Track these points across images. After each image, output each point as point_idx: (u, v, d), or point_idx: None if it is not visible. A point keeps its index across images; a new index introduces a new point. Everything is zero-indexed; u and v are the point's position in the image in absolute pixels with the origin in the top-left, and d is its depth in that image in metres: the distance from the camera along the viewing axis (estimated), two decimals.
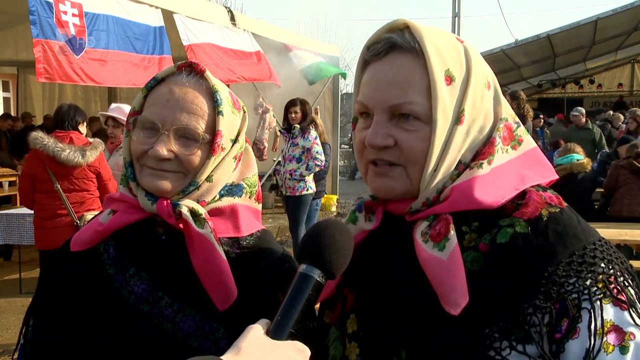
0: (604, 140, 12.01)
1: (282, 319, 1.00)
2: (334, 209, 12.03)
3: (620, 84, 24.19)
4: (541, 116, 13.28)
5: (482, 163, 1.08)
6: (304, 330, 1.02)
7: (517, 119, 1.18)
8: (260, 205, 1.45)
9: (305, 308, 1.01)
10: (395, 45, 1.10)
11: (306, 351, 1.00)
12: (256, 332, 0.98)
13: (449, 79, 1.07)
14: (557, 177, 1.17)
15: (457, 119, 1.08)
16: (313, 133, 7.43)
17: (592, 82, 23.62)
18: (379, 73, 1.11)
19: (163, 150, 1.24)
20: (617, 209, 7.18)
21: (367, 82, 1.13)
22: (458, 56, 1.10)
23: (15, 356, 1.45)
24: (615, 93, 23.67)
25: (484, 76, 1.13)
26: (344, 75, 13.00)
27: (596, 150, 10.83)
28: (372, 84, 1.12)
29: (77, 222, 5.13)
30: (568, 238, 1.02)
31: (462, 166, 1.09)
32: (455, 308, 1.00)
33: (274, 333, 0.99)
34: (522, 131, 1.16)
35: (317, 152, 7.31)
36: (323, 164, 7.44)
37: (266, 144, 10.27)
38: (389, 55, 1.10)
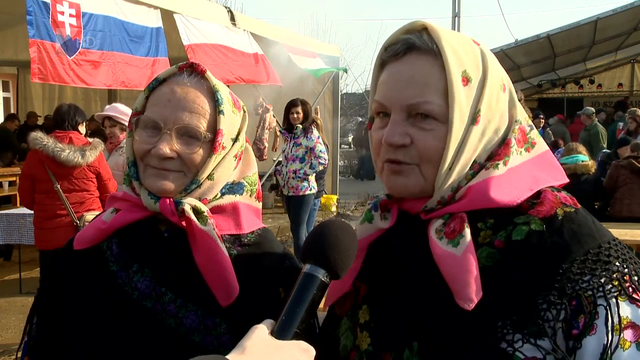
0: (599, 140, 12.06)
1: (287, 318, 1.00)
2: (333, 209, 12.03)
3: (620, 84, 24.18)
4: (541, 116, 13.30)
5: (498, 164, 1.10)
6: (308, 330, 1.03)
7: (531, 122, 1.20)
8: (261, 204, 1.47)
9: (310, 308, 1.02)
10: (413, 46, 1.12)
11: (311, 351, 1.00)
12: (261, 332, 0.98)
13: (466, 80, 1.09)
14: (567, 180, 1.19)
15: (473, 119, 1.09)
16: (315, 133, 7.47)
17: (592, 82, 23.60)
18: (397, 73, 1.12)
19: (166, 149, 1.26)
20: (617, 209, 7.18)
21: (385, 81, 1.15)
22: (475, 58, 1.12)
23: (19, 354, 1.45)
24: (615, 93, 23.67)
25: (500, 78, 1.15)
26: (345, 71, 12.93)
27: (593, 152, 10.93)
28: (390, 84, 1.13)
29: (76, 222, 5.13)
30: (583, 237, 1.04)
31: (477, 166, 1.11)
32: (469, 303, 1.01)
33: (279, 333, 0.99)
34: (535, 134, 1.18)
35: (320, 151, 7.36)
36: (326, 162, 7.50)
37: (266, 144, 10.27)
38: (407, 56, 1.12)
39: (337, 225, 1.09)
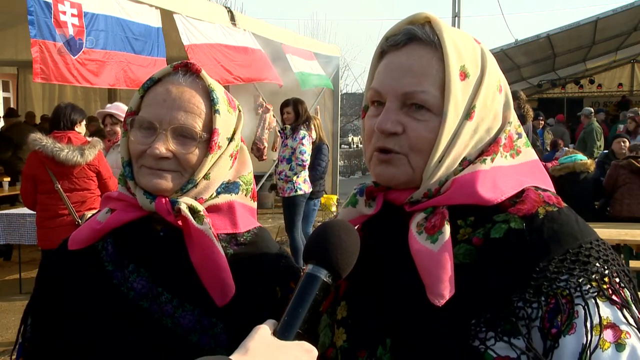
0: (593, 137, 12.18)
1: (289, 319, 1.01)
2: (333, 209, 12.02)
3: (620, 84, 24.17)
4: (540, 118, 13.32)
5: (486, 159, 1.10)
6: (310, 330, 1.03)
7: (521, 130, 1.20)
8: (256, 203, 1.46)
9: (312, 308, 1.02)
10: (414, 37, 1.12)
11: (313, 351, 1.01)
12: (263, 332, 0.99)
13: (464, 75, 1.09)
14: (553, 190, 1.18)
15: (468, 114, 1.09)
16: (302, 133, 7.29)
17: (592, 82, 23.60)
18: (395, 62, 1.13)
19: (162, 149, 1.25)
20: (617, 209, 7.17)
21: (383, 69, 1.15)
22: (474, 55, 1.12)
23: (14, 356, 1.45)
24: (616, 93, 23.66)
25: (497, 79, 1.15)
26: (330, 86, 12.69)
27: (586, 148, 11.19)
28: (387, 72, 1.13)
29: (78, 222, 5.13)
30: (563, 236, 1.03)
31: (467, 163, 1.11)
32: (440, 299, 1.01)
33: (281, 333, 0.99)
34: (522, 143, 1.18)
35: (300, 151, 7.17)
36: (306, 164, 7.26)
37: (266, 144, 10.26)
38: (407, 46, 1.12)
39: (339, 226, 1.09)
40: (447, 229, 1.05)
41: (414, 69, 1.09)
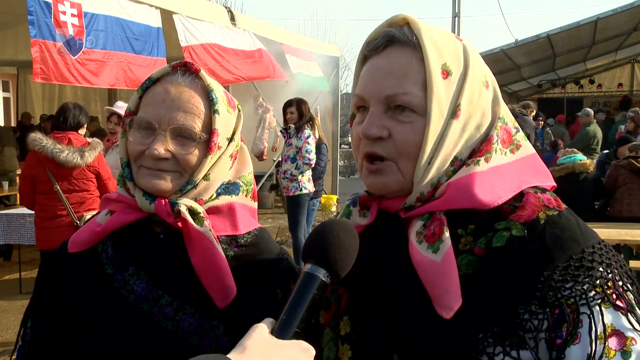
0: (585, 138, 12.15)
1: (287, 318, 1.00)
2: (333, 209, 12.02)
3: (620, 84, 24.20)
4: (540, 118, 13.31)
5: (479, 160, 1.07)
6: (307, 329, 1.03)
7: (517, 125, 1.17)
8: (256, 203, 1.45)
9: (310, 307, 1.02)
10: (393, 39, 1.10)
11: (311, 350, 1.00)
12: (261, 331, 0.98)
13: (446, 73, 1.07)
14: (554, 184, 1.16)
15: (453, 113, 1.07)
16: (306, 132, 7.35)
17: (592, 82, 23.61)
18: (376, 65, 1.11)
19: (160, 150, 1.24)
20: (617, 209, 7.17)
21: (364, 74, 1.14)
22: (456, 52, 1.10)
23: (14, 356, 1.44)
24: (615, 93, 23.68)
25: (482, 75, 1.12)
26: (327, 88, 12.65)
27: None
28: (368, 76, 1.12)
29: (76, 223, 5.13)
30: (566, 242, 1.01)
31: (458, 162, 1.08)
32: (448, 311, 0.99)
33: (279, 332, 0.99)
34: (521, 137, 1.16)
35: (306, 151, 7.24)
36: (312, 162, 7.32)
37: (266, 144, 10.27)
38: (387, 49, 1.11)
39: (338, 225, 1.08)
40: (447, 236, 1.02)
41: (394, 71, 1.08)
